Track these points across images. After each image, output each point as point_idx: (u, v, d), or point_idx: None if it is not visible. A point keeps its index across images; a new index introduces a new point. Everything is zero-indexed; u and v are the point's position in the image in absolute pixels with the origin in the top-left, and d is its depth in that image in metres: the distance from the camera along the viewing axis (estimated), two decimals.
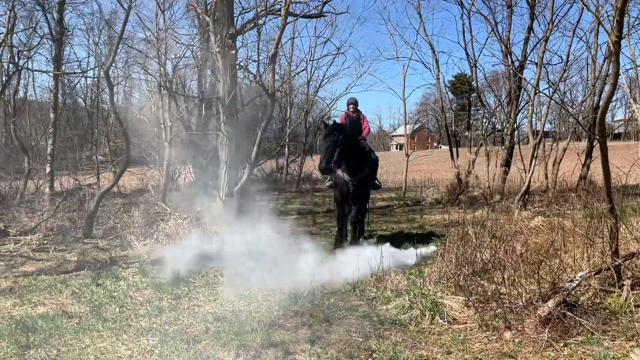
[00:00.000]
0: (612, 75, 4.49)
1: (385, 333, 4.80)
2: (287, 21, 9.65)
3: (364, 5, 50.00)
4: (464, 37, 16.37)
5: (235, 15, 12.89)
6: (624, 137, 51.75)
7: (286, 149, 23.17)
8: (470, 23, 16.24)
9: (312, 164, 24.35)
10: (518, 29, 49.41)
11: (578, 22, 13.61)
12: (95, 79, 25.44)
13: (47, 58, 24.52)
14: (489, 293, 5.23)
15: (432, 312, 5.16)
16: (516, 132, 16.90)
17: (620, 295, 5.22)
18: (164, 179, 14.91)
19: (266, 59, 17.84)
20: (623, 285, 5.28)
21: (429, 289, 5.69)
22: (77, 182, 17.25)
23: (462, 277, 5.78)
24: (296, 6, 12.90)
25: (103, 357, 4.21)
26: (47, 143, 18.02)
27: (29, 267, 7.53)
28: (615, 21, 4.22)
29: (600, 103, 16.44)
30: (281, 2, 11.91)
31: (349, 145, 8.32)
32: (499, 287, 5.37)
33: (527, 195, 13.38)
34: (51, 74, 16.06)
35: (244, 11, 13.82)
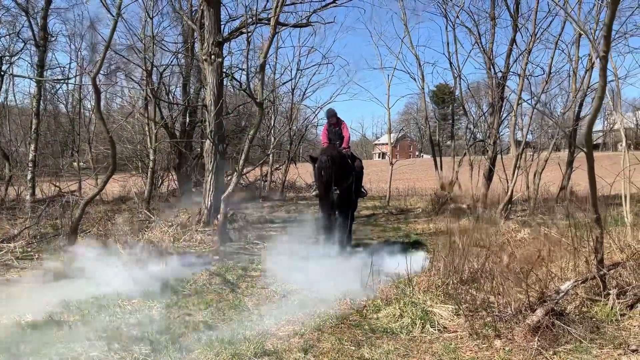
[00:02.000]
0: (599, 89, 4.60)
1: (377, 341, 4.84)
2: (277, 31, 9.68)
3: (347, 14, 50.49)
4: (447, 48, 16.58)
5: (222, 23, 12.92)
6: (602, 148, 52.67)
7: (270, 157, 23.16)
8: (455, 35, 16.44)
9: (296, 172, 24.37)
10: (502, 40, 50.15)
11: (560, 34, 13.85)
12: (77, 86, 25.22)
13: (29, 63, 24.22)
14: (478, 302, 5.30)
15: (422, 321, 5.21)
16: (498, 142, 17.08)
17: (606, 304, 5.32)
18: (147, 186, 14.80)
19: (252, 68, 17.84)
20: (609, 294, 5.38)
21: (419, 298, 5.75)
22: (59, 189, 17.08)
23: (450, 286, 5.85)
24: (282, 15, 12.97)
25: None
26: (27, 149, 17.78)
27: (13, 275, 7.44)
28: (602, 36, 4.33)
29: (588, 116, 16.73)
30: (269, 11, 11.99)
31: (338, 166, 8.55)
32: (488, 296, 5.44)
33: (509, 205, 13.55)
34: (34, 80, 15.89)
35: (231, 19, 13.82)
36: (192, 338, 4.84)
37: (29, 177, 15.80)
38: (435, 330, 5.09)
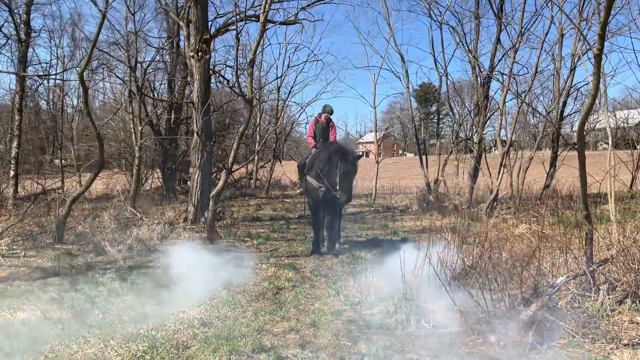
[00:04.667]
0: (592, 86, 4.67)
1: (373, 337, 4.85)
2: (266, 28, 9.66)
3: (333, 14, 50.54)
4: (432, 48, 16.62)
5: (209, 19, 12.86)
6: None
7: (256, 155, 23.13)
8: (442, 35, 16.52)
9: (281, 170, 24.35)
10: (486, 40, 50.46)
11: (547, 34, 14.03)
12: (60, 82, 24.94)
13: (9, 58, 23.86)
14: (474, 297, 5.34)
15: (417, 317, 5.24)
16: (483, 140, 17.22)
17: (597, 300, 5.41)
18: (133, 184, 14.68)
19: (241, 65, 17.78)
20: (599, 289, 5.48)
21: (412, 294, 5.80)
22: (42, 186, 16.87)
23: (444, 282, 5.89)
24: (270, 12, 12.94)
25: None
26: (8, 146, 17.53)
27: (0, 273, 7.34)
28: (597, 35, 4.40)
29: (571, 115, 16.98)
30: (257, 8, 11.95)
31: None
32: (482, 292, 5.49)
33: (494, 203, 13.69)
34: (18, 76, 15.65)
35: (218, 16, 13.76)
36: (187, 334, 4.83)
37: (11, 174, 15.58)
38: (429, 325, 5.12)
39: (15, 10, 15.69)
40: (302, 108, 25.31)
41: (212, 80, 15.07)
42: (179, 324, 5.11)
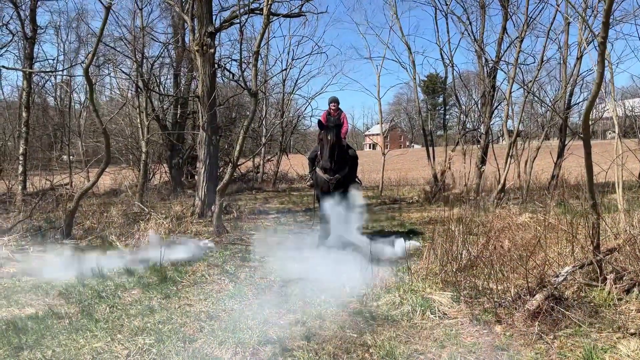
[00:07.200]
0: (597, 75, 4.63)
1: (379, 329, 4.86)
2: (269, 20, 9.64)
3: (338, 5, 50.36)
4: (437, 38, 16.56)
5: (213, 13, 12.86)
6: (592, 136, 52.93)
7: (262, 148, 23.15)
8: (447, 25, 16.43)
9: (288, 163, 24.36)
10: (491, 30, 50.19)
11: (552, 23, 13.93)
12: (67, 78, 25.02)
13: (16, 56, 23.98)
14: (480, 288, 5.34)
15: (422, 308, 5.24)
16: (489, 131, 17.13)
17: (604, 289, 5.38)
18: (140, 179, 14.75)
19: (244, 58, 17.74)
20: (606, 279, 5.45)
21: (418, 285, 5.79)
22: (50, 182, 16.97)
23: (450, 273, 5.89)
24: (273, 4, 12.91)
25: (100, 357, 4.18)
26: (16, 143, 17.63)
27: (10, 268, 7.40)
28: (602, 23, 4.36)
29: (578, 104, 16.87)
30: (261, 1, 11.93)
31: (338, 145, 8.52)
32: (488, 282, 5.49)
33: (502, 193, 13.65)
34: (26, 72, 15.71)
35: (223, 9, 13.75)
36: (194, 328, 4.85)
37: (19, 170, 15.68)
38: (435, 316, 5.11)
39: (21, 7, 15.72)
40: (307, 101, 25.23)
41: (218, 74, 15.08)
42: (185, 317, 5.13)
